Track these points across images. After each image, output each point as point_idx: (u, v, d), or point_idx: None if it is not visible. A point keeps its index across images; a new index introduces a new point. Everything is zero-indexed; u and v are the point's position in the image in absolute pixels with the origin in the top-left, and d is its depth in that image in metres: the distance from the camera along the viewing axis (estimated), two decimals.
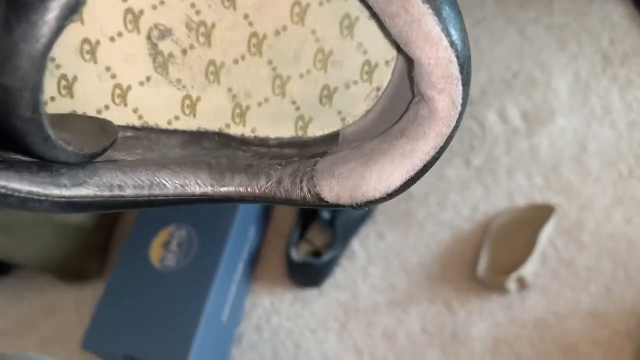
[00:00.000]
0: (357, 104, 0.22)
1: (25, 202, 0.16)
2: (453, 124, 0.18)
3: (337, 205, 0.20)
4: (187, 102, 0.21)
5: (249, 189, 0.20)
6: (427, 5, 0.16)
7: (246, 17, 0.21)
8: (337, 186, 0.19)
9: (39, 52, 0.15)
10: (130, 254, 0.81)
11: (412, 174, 0.19)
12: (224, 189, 0.20)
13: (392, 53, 0.21)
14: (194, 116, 0.21)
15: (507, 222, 0.88)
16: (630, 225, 0.87)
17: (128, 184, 0.18)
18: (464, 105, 0.18)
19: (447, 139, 0.18)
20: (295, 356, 0.85)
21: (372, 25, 0.21)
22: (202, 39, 0.20)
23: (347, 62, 0.21)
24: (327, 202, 0.20)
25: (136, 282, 0.78)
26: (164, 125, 0.21)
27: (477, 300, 0.84)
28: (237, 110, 0.21)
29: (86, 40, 0.19)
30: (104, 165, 0.18)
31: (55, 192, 0.17)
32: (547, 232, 0.85)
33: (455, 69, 0.17)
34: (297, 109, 0.22)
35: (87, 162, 0.18)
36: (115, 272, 0.80)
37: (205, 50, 0.21)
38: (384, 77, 0.21)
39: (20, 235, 0.80)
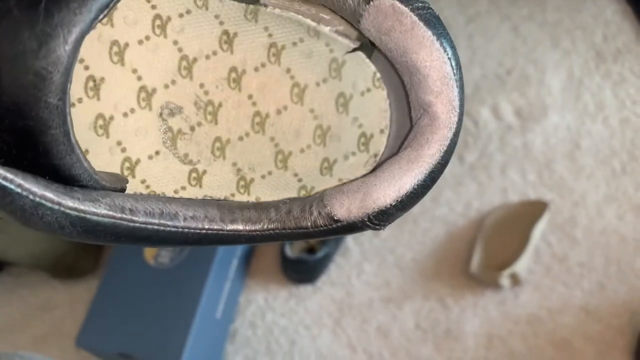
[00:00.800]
0: (356, 171, 0.23)
1: (36, 207, 0.16)
2: (454, 127, 0.19)
3: (352, 226, 0.20)
4: (194, 174, 0.22)
5: (258, 225, 0.20)
6: (417, 16, 0.18)
7: (250, 97, 0.23)
8: (346, 200, 0.20)
9: (75, 37, 0.16)
10: (123, 251, 0.81)
11: (420, 177, 0.19)
12: (232, 226, 0.20)
13: (386, 121, 0.23)
14: (200, 186, 0.22)
15: (500, 218, 0.88)
16: (623, 221, 0.87)
17: (139, 209, 0.18)
18: (461, 108, 0.19)
19: (450, 143, 0.19)
20: (289, 352, 0.85)
21: (365, 100, 0.23)
22: (209, 117, 0.22)
23: (344, 136, 0.23)
24: (339, 219, 0.19)
25: (130, 279, 0.78)
26: (170, 193, 0.22)
27: (470, 296, 0.84)
28: (242, 182, 0.23)
29: (100, 116, 0.20)
30: (116, 192, 0.19)
31: (69, 202, 0.17)
32: (540, 228, 0.85)
33: (449, 69, 0.18)
34: (299, 180, 0.23)
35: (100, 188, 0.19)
36: (109, 269, 0.80)
37: (212, 127, 0.22)
38: (380, 144, 0.23)
39: (12, 232, 0.80)
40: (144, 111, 0.21)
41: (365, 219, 0.20)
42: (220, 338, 0.84)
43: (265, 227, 0.20)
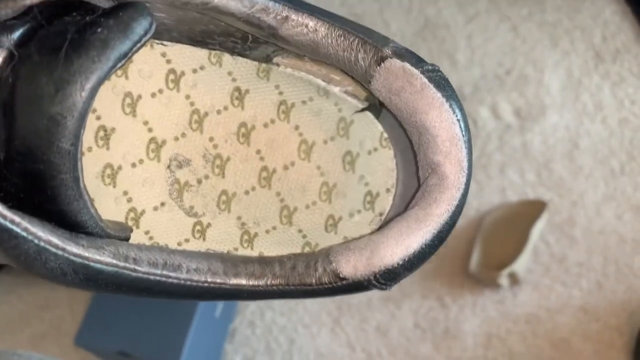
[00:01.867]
0: (361, 229, 0.24)
1: (40, 252, 0.16)
2: (462, 188, 0.19)
3: (357, 285, 0.19)
4: (198, 227, 0.22)
5: (261, 280, 0.20)
6: (427, 78, 0.19)
7: (258, 152, 0.23)
8: (353, 257, 0.19)
9: (91, 85, 0.16)
10: None
11: (428, 237, 0.19)
12: (235, 280, 0.20)
13: (392, 180, 0.23)
14: (204, 239, 0.22)
15: (499, 218, 0.88)
16: (621, 221, 0.87)
17: (142, 259, 0.18)
18: (469, 169, 0.19)
19: (458, 204, 0.19)
20: (289, 351, 0.85)
21: (372, 159, 0.23)
22: (216, 170, 0.23)
23: (350, 194, 0.23)
24: (345, 277, 0.19)
25: None
26: (173, 245, 0.22)
27: (469, 295, 0.84)
28: (245, 237, 0.23)
29: (108, 165, 0.21)
30: (120, 241, 0.19)
31: (74, 248, 0.17)
32: (539, 228, 0.86)
33: (458, 130, 0.19)
34: (304, 236, 0.23)
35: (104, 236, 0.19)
36: None
37: (219, 181, 0.23)
38: (386, 203, 0.24)
39: None
40: (152, 162, 0.22)
41: (372, 278, 0.19)
42: (220, 337, 0.84)
43: (268, 282, 0.20)
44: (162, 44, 0.21)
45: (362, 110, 0.23)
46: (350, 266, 0.19)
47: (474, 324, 0.82)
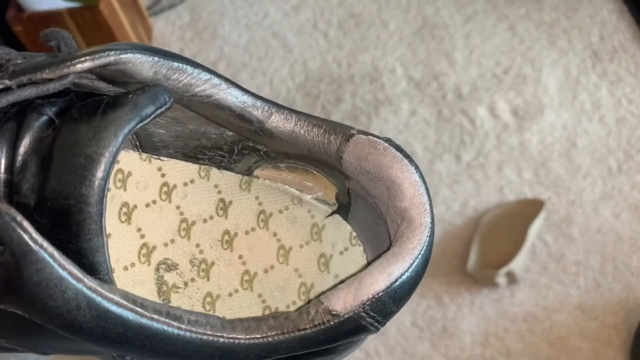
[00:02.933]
0: None
1: (61, 281, 0.17)
2: (428, 226, 0.21)
3: (349, 321, 0.21)
4: None
5: (257, 333, 0.21)
6: (387, 143, 0.22)
7: (240, 257, 0.25)
8: (342, 292, 0.21)
9: (124, 131, 0.18)
10: None
11: (406, 266, 0.21)
12: (232, 334, 0.20)
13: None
14: None
15: (497, 217, 0.88)
16: (619, 219, 0.88)
17: (148, 305, 0.19)
18: (431, 211, 0.22)
19: (428, 240, 0.21)
20: None
21: (344, 258, 0.26)
22: (202, 274, 0.25)
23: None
24: (336, 312, 0.20)
25: None
26: None
27: (467, 294, 0.85)
28: None
29: None
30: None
31: (90, 282, 0.18)
32: (537, 227, 0.86)
33: (418, 178, 0.22)
34: None
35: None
36: None
37: (204, 283, 0.25)
38: None
39: None
40: (143, 266, 0.23)
41: (362, 311, 0.20)
42: None
43: (264, 334, 0.20)
44: (159, 159, 0.24)
45: (332, 213, 0.26)
46: (341, 301, 0.20)
47: (472, 323, 0.83)
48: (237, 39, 1.13)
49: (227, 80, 0.22)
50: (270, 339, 0.20)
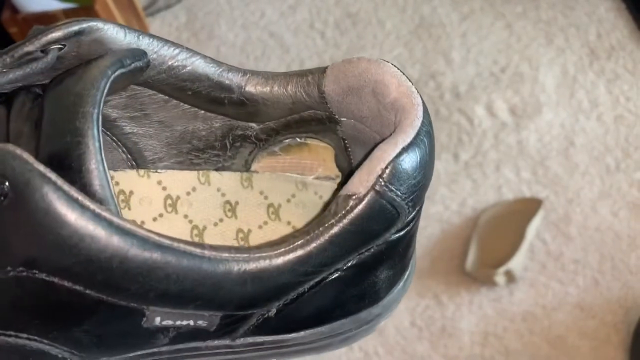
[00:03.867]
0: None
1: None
2: (421, 105, 0.21)
3: (372, 203, 0.20)
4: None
5: (284, 246, 0.20)
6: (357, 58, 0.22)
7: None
8: (356, 177, 0.20)
9: (107, 71, 0.19)
10: None
11: (411, 135, 0.20)
12: (258, 253, 0.20)
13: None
14: None
15: (495, 216, 0.88)
16: (617, 217, 0.88)
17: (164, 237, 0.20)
18: (419, 93, 0.21)
19: (425, 117, 0.21)
20: None
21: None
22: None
23: None
24: (357, 194, 0.20)
25: None
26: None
27: (465, 293, 0.84)
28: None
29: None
30: None
31: (98, 208, 0.18)
32: (535, 225, 0.86)
33: (395, 69, 0.21)
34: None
35: None
36: None
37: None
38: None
39: None
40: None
41: (381, 184, 0.19)
42: None
43: (290, 244, 0.19)
44: (157, 172, 0.24)
45: (338, 187, 0.25)
46: (356, 182, 0.20)
47: (471, 322, 0.82)
48: (234, 39, 1.13)
49: (195, 52, 0.22)
50: (298, 248, 0.19)
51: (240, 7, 1.17)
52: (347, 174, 0.25)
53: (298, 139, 0.25)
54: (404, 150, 0.20)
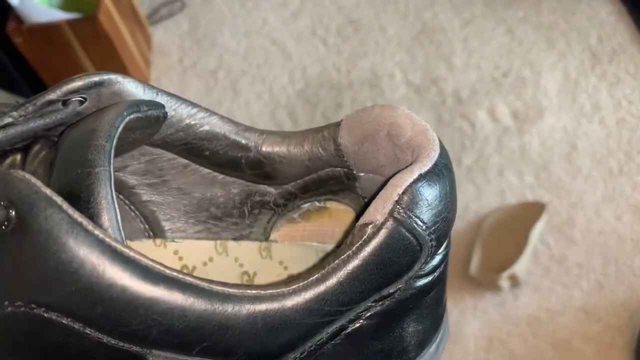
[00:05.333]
0: None
1: (73, 226, 0.16)
2: (437, 140, 0.21)
3: (392, 231, 0.19)
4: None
5: (299, 281, 0.19)
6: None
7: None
8: (372, 206, 0.20)
9: (124, 112, 0.19)
10: None
11: (428, 165, 0.20)
12: (270, 290, 0.18)
13: None
14: None
15: (498, 220, 0.88)
16: (620, 221, 0.88)
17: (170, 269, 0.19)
18: (437, 137, 0.21)
19: (442, 150, 0.21)
20: None
21: None
22: None
23: None
24: (374, 221, 0.19)
25: None
26: None
27: (470, 298, 0.84)
28: None
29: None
30: None
31: (101, 233, 0.17)
32: (538, 230, 0.86)
33: (408, 110, 0.21)
34: None
35: None
36: None
37: None
38: None
39: None
40: None
41: (398, 210, 0.18)
42: None
43: (306, 279, 0.18)
44: (173, 241, 0.23)
45: None
46: (372, 211, 0.18)
47: (475, 327, 0.82)
48: (237, 47, 1.13)
49: (212, 111, 0.22)
50: (314, 284, 0.17)
51: (243, 14, 1.17)
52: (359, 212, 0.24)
53: (317, 203, 0.24)
54: (422, 177, 0.19)
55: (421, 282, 0.19)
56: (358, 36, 1.12)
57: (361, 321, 0.19)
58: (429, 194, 0.19)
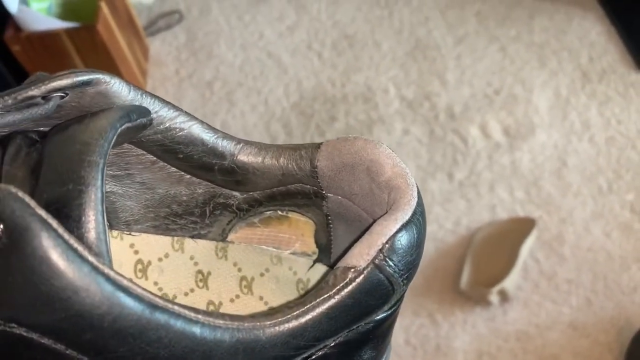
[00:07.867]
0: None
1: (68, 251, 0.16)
2: (415, 186, 0.21)
3: (371, 277, 0.20)
4: None
5: (279, 316, 0.20)
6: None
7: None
8: (356, 249, 0.20)
9: (116, 123, 0.19)
10: None
11: (408, 214, 0.20)
12: (252, 322, 0.19)
13: None
14: None
15: (489, 235, 0.89)
16: (610, 238, 0.89)
17: (159, 298, 0.19)
18: (411, 176, 0.22)
19: (419, 199, 0.21)
20: None
21: None
22: None
23: None
24: (357, 267, 0.20)
25: None
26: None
27: (460, 312, 0.85)
28: None
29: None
30: None
31: (95, 260, 0.17)
32: (528, 245, 0.87)
33: (389, 150, 0.22)
34: None
35: None
36: None
37: None
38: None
39: None
40: None
41: (381, 258, 0.19)
42: None
43: (285, 315, 0.19)
44: (130, 235, 0.23)
45: (314, 264, 0.25)
46: (356, 255, 0.19)
47: (465, 341, 0.83)
48: (233, 59, 1.14)
49: (193, 117, 0.22)
50: (293, 319, 0.18)
51: (240, 27, 1.19)
52: (323, 250, 0.25)
53: (280, 212, 0.24)
54: (403, 227, 0.20)
55: (382, 315, 0.21)
56: (353, 51, 1.13)
57: (325, 349, 0.20)
58: (407, 242, 0.20)
